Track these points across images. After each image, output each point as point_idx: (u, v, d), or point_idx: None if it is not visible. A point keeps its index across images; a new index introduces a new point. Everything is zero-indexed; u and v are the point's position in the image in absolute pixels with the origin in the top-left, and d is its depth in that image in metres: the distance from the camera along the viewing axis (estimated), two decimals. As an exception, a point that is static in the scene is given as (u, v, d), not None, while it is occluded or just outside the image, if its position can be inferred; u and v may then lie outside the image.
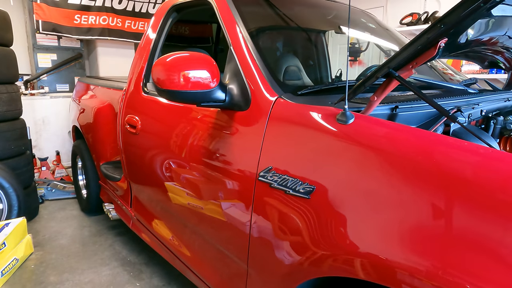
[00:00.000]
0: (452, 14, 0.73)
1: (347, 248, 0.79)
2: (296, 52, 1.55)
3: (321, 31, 1.76)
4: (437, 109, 0.83)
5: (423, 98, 0.85)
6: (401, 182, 0.74)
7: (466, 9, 0.71)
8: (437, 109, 0.83)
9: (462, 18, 0.73)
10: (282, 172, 0.98)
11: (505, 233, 0.58)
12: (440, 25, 0.74)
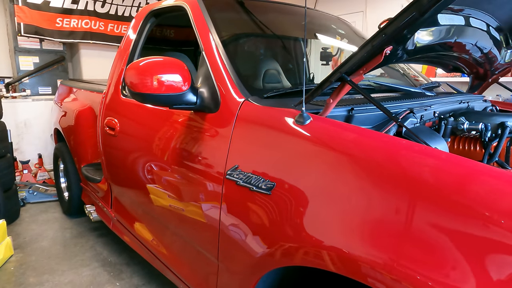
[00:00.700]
0: (392, 24, 0.81)
1: (307, 240, 0.85)
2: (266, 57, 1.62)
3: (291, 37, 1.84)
4: (384, 112, 0.91)
5: (371, 101, 0.92)
6: (353, 179, 0.80)
7: (403, 21, 0.79)
8: (384, 111, 0.91)
9: (401, 28, 0.81)
10: (247, 170, 1.04)
11: (456, 230, 0.64)
12: (382, 35, 0.82)
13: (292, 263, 0.90)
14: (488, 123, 1.20)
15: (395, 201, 0.72)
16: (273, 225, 0.95)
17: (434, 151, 0.77)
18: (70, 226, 2.79)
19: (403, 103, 1.18)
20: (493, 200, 0.63)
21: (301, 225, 0.88)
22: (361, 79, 0.94)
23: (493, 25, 1.42)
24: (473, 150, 1.23)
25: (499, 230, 0.60)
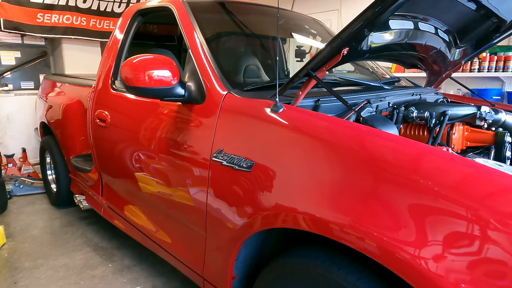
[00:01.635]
0: (346, 30, 1.00)
1: (284, 208, 1.04)
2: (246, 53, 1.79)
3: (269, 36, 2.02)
4: (342, 102, 1.11)
5: (333, 93, 1.12)
6: (321, 157, 0.98)
7: (354, 27, 0.99)
8: (343, 102, 1.11)
9: (353, 33, 1.01)
10: (230, 152, 1.22)
11: (408, 199, 0.81)
12: (338, 39, 1.02)
13: (274, 226, 1.07)
14: (433, 112, 1.42)
15: (361, 176, 0.89)
16: (254, 197, 1.13)
17: (393, 136, 0.95)
18: (59, 216, 2.89)
19: (362, 95, 1.38)
20: (439, 175, 0.80)
21: (279, 196, 1.06)
22: (324, 75, 1.14)
23: (442, 28, 1.65)
24: (421, 134, 1.45)
25: (442, 200, 0.77)
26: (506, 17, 1.66)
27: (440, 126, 1.37)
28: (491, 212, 0.72)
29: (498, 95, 3.28)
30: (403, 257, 0.79)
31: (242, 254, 1.28)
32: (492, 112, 1.45)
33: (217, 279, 1.38)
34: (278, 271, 1.15)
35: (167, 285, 1.96)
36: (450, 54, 1.86)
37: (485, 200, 0.74)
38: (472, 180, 0.78)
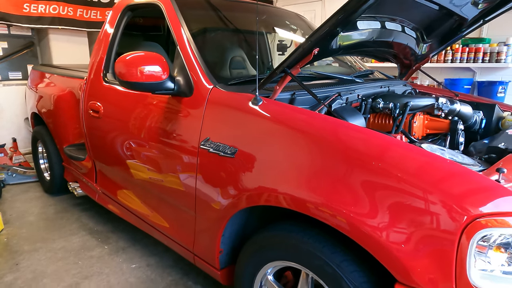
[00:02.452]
0: (316, 33, 1.15)
1: (265, 189, 1.19)
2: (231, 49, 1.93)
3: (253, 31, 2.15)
4: (313, 96, 1.27)
5: (305, 88, 1.28)
6: (295, 144, 1.14)
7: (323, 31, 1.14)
8: (313, 96, 1.27)
9: (322, 36, 1.16)
10: (216, 140, 1.37)
11: (375, 182, 0.96)
12: (309, 41, 1.17)
13: (258, 203, 1.22)
14: (397, 103, 1.59)
15: (334, 162, 1.04)
16: (237, 180, 1.29)
17: (362, 129, 1.09)
18: (53, 203, 3.01)
19: (334, 88, 1.54)
20: (401, 163, 0.96)
21: (260, 178, 1.22)
22: (298, 72, 1.29)
23: (409, 26, 1.81)
24: (386, 122, 1.63)
25: (403, 183, 0.92)
26: (467, 16, 1.83)
27: (402, 115, 1.55)
28: (439, 193, 0.88)
29: (469, 85, 3.50)
30: (365, 230, 0.96)
31: (227, 231, 1.45)
32: (448, 103, 1.63)
33: (206, 254, 1.55)
34: (259, 243, 1.33)
35: (160, 263, 2.12)
36: (418, 49, 2.03)
37: (435, 183, 0.90)
38: (426, 167, 0.93)
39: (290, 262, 1.22)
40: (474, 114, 1.70)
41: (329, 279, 1.09)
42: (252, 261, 1.35)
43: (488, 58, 3.32)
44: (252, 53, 2.00)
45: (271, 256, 1.28)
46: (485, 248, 0.84)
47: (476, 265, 0.85)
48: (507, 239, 0.84)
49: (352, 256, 1.07)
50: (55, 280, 1.96)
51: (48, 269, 2.06)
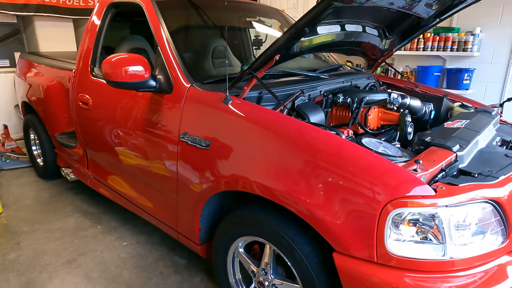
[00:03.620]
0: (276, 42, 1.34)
1: (235, 176, 1.40)
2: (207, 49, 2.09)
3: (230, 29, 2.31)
4: (273, 96, 1.47)
5: (267, 89, 1.48)
6: (261, 139, 1.33)
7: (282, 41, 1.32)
8: (274, 96, 1.47)
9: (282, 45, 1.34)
10: (193, 134, 1.57)
11: (331, 174, 1.15)
12: (269, 50, 1.35)
13: (235, 188, 1.41)
14: (354, 98, 1.80)
15: (296, 157, 1.23)
16: (211, 168, 1.50)
17: (323, 131, 1.27)
18: (47, 187, 3.20)
19: (298, 86, 1.74)
20: (352, 159, 1.15)
21: (232, 168, 1.42)
22: (263, 75, 1.48)
23: (370, 25, 2.00)
24: (345, 115, 1.84)
25: (354, 177, 1.11)
26: (424, 15, 2.02)
27: (358, 109, 1.76)
28: (366, 182, 1.10)
29: (438, 72, 3.71)
30: (317, 214, 1.17)
31: (205, 212, 1.67)
32: (400, 98, 1.84)
33: (188, 231, 1.78)
34: (231, 221, 1.56)
35: (149, 240, 2.36)
36: (381, 44, 2.23)
37: (364, 175, 1.11)
38: (359, 162, 1.14)
39: (256, 237, 1.46)
40: (423, 107, 1.92)
41: (284, 249, 1.33)
42: (226, 237, 1.59)
43: (456, 47, 3.52)
44: (233, 50, 2.17)
45: (241, 232, 1.52)
46: (398, 223, 1.08)
47: (391, 236, 1.08)
48: (415, 216, 1.07)
49: (302, 232, 1.30)
50: (54, 257, 2.18)
51: (47, 247, 2.28)
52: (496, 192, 1.13)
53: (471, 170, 1.23)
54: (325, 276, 1.26)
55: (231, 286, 1.65)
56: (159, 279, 1.99)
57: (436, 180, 1.15)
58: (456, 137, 1.38)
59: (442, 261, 1.08)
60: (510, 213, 1.15)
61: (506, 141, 1.56)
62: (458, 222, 1.09)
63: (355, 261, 1.13)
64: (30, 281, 1.97)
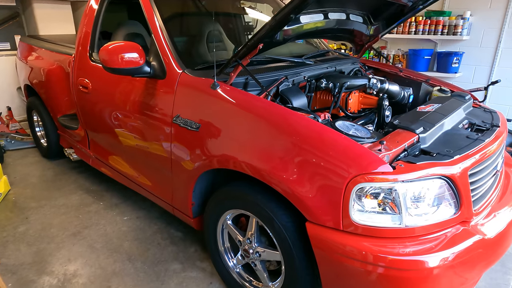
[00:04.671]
0: (258, 33, 1.45)
1: (227, 156, 1.55)
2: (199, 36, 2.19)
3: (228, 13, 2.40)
4: (257, 83, 1.60)
5: (251, 76, 1.60)
6: (249, 122, 1.47)
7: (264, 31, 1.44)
8: (257, 83, 1.60)
9: (264, 35, 1.46)
10: (185, 117, 1.71)
11: (310, 159, 1.30)
12: (252, 40, 1.47)
13: (227, 167, 1.55)
14: (336, 83, 1.93)
15: (281, 140, 1.35)
16: (201, 149, 1.65)
17: (306, 118, 1.39)
18: (51, 166, 3.37)
19: (283, 72, 1.86)
20: (324, 141, 1.29)
21: (220, 148, 1.57)
22: (248, 62, 1.60)
23: (354, 13, 2.10)
24: (328, 99, 1.97)
25: (324, 157, 1.25)
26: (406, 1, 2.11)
27: (339, 94, 1.89)
28: (336, 160, 1.25)
29: (429, 55, 3.79)
30: (297, 192, 1.32)
31: (197, 188, 1.83)
32: (379, 83, 1.96)
33: (182, 206, 1.95)
34: (220, 196, 1.72)
35: (148, 215, 2.54)
36: (367, 30, 2.32)
37: (335, 154, 1.25)
38: (339, 145, 1.27)
39: (241, 210, 1.62)
40: (402, 91, 2.05)
41: (266, 220, 1.49)
42: (215, 210, 1.75)
43: (447, 31, 3.60)
44: (228, 35, 2.28)
45: (229, 206, 1.68)
46: (361, 196, 1.23)
47: (355, 207, 1.24)
48: (376, 190, 1.23)
49: (281, 205, 1.46)
50: (60, 230, 2.37)
51: (54, 221, 2.46)
52: (450, 169, 1.27)
53: (431, 150, 1.37)
54: (300, 244, 1.42)
55: (220, 253, 1.83)
56: (157, 250, 2.17)
57: (398, 159, 1.30)
58: (423, 120, 1.51)
59: (399, 228, 1.24)
60: (462, 187, 1.30)
61: (472, 124, 1.70)
62: (414, 195, 1.24)
63: (324, 230, 1.30)
64: (39, 250, 2.16)
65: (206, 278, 1.94)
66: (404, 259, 1.20)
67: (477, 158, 1.39)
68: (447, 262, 1.22)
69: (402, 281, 1.21)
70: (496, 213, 1.50)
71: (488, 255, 1.37)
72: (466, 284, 1.35)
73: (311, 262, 1.44)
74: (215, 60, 1.69)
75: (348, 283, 1.30)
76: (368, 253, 1.22)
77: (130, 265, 2.04)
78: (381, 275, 1.22)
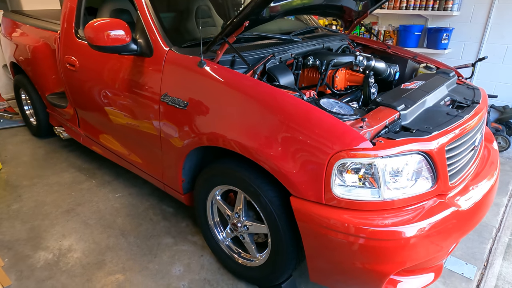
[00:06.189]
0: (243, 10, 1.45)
1: (216, 134, 1.57)
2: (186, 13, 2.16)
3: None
4: (243, 60, 1.61)
5: (237, 54, 1.61)
6: (231, 99, 1.50)
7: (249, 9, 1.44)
8: (243, 60, 1.61)
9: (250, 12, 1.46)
10: (172, 95, 1.73)
11: (296, 137, 1.36)
12: (238, 17, 1.47)
13: (216, 144, 1.57)
14: (323, 60, 1.94)
15: (269, 118, 1.38)
16: (189, 126, 1.67)
17: (292, 96, 1.41)
18: (42, 145, 3.37)
19: (270, 50, 1.87)
20: (308, 118, 1.31)
21: (208, 126, 1.59)
22: (234, 40, 1.61)
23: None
24: (314, 76, 1.99)
25: (308, 133, 1.29)
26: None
27: (325, 71, 1.91)
28: (319, 137, 1.29)
29: (419, 31, 3.79)
30: (284, 170, 1.36)
31: (187, 165, 1.87)
32: (365, 60, 1.98)
33: (172, 182, 1.99)
34: (209, 173, 1.76)
35: (140, 192, 2.59)
36: (355, 6, 2.31)
37: (319, 132, 1.28)
38: (323, 123, 1.30)
39: (229, 185, 1.67)
40: (388, 68, 2.07)
41: (252, 195, 1.55)
42: (205, 186, 1.80)
43: (437, 6, 3.58)
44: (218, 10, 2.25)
45: (217, 181, 1.73)
46: (342, 171, 1.28)
47: (336, 181, 1.29)
48: (356, 166, 1.28)
49: (267, 180, 1.51)
50: (54, 207, 2.41)
51: (47, 199, 2.50)
52: (427, 145, 1.33)
53: (411, 126, 1.42)
54: (285, 217, 1.49)
55: (210, 227, 1.90)
56: (149, 225, 2.24)
57: (379, 136, 1.34)
58: (405, 98, 1.55)
59: (378, 201, 1.30)
60: (439, 162, 1.36)
61: (454, 101, 1.74)
62: (392, 170, 1.30)
63: (307, 204, 1.35)
64: (34, 227, 2.21)
65: (197, 251, 2.02)
66: (383, 230, 1.27)
67: (456, 133, 1.44)
68: (423, 232, 1.30)
69: (381, 250, 1.29)
70: (472, 186, 1.58)
71: (462, 226, 1.45)
72: (442, 252, 1.43)
73: (295, 235, 1.51)
74: (204, 37, 1.68)
75: (331, 254, 1.38)
76: (349, 225, 1.28)
77: (123, 239, 2.11)
78: (362, 245, 1.29)
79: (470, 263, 1.96)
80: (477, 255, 2.02)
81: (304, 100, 1.47)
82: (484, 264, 1.97)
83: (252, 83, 1.51)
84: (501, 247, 2.10)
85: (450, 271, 1.89)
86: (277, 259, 1.60)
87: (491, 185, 1.66)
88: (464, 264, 1.94)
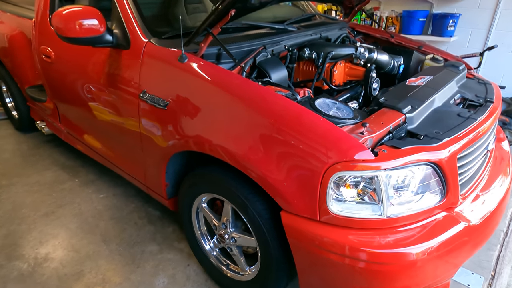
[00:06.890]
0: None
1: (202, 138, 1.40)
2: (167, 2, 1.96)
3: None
4: (229, 55, 1.42)
5: (222, 47, 1.42)
6: (216, 100, 1.32)
7: None
8: (229, 55, 1.42)
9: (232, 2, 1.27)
10: (152, 93, 1.55)
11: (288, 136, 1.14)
12: (222, 5, 1.28)
13: (203, 150, 1.40)
14: (320, 52, 1.75)
15: (258, 122, 1.20)
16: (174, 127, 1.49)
17: (283, 98, 1.23)
18: (25, 140, 3.20)
19: (261, 41, 1.68)
20: (309, 125, 1.13)
21: (191, 128, 1.42)
22: (218, 31, 1.42)
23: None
24: (310, 70, 1.80)
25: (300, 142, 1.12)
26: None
27: (322, 65, 1.72)
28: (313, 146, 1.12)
29: (424, 17, 3.56)
30: (273, 181, 1.20)
31: (170, 169, 1.71)
32: (366, 52, 1.79)
33: (155, 186, 1.83)
34: (193, 178, 1.60)
35: (125, 193, 2.43)
36: (356, -9, 2.11)
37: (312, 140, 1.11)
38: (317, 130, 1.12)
39: (215, 194, 1.51)
40: (391, 61, 1.88)
41: (240, 206, 1.39)
42: (189, 193, 1.65)
43: (444, -10, 3.35)
44: (190, 7, 2.05)
45: (202, 189, 1.57)
46: (339, 185, 1.12)
47: (332, 196, 1.13)
48: (355, 179, 1.12)
49: (255, 191, 1.35)
50: (32, 210, 2.26)
51: (26, 200, 2.35)
52: (437, 154, 1.16)
53: (419, 131, 1.25)
54: (275, 232, 1.33)
55: (197, 238, 1.75)
56: (133, 230, 2.09)
57: (382, 143, 1.18)
58: (411, 97, 1.38)
59: (380, 219, 1.15)
60: (449, 173, 1.19)
61: (465, 99, 1.57)
62: (397, 183, 1.13)
63: (300, 220, 1.20)
64: (9, 232, 2.06)
65: (184, 260, 1.88)
66: (385, 252, 1.12)
67: (469, 139, 1.28)
68: (430, 253, 1.14)
69: (383, 274, 1.14)
70: (484, 195, 1.42)
71: (474, 241, 1.30)
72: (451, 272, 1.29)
73: (287, 251, 1.35)
74: (189, 27, 1.49)
75: (324, 274, 1.23)
76: (346, 246, 1.13)
77: (105, 247, 1.96)
78: (361, 268, 1.14)
79: (477, 272, 1.82)
80: (483, 263, 1.88)
81: (297, 100, 1.29)
82: (491, 273, 1.83)
83: (239, 81, 1.33)
84: (509, 254, 1.96)
85: (456, 282, 1.76)
86: (267, 274, 1.45)
87: (504, 191, 1.50)
88: (471, 274, 1.81)
